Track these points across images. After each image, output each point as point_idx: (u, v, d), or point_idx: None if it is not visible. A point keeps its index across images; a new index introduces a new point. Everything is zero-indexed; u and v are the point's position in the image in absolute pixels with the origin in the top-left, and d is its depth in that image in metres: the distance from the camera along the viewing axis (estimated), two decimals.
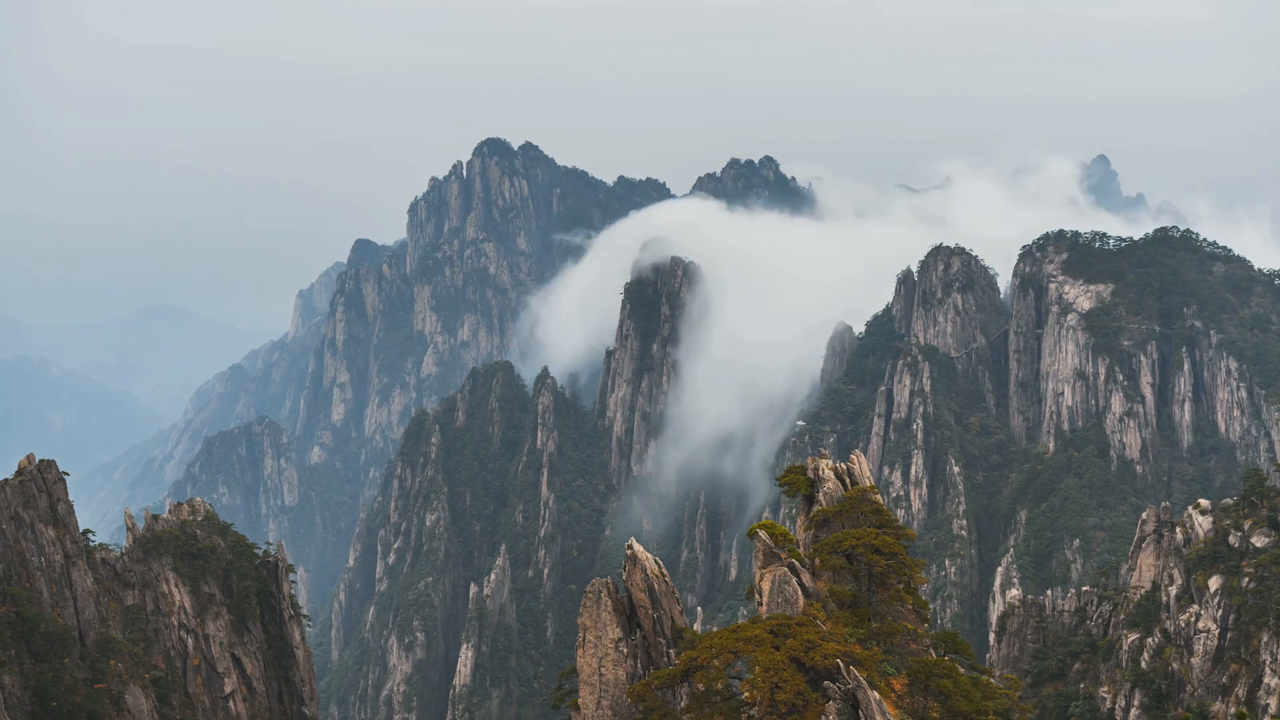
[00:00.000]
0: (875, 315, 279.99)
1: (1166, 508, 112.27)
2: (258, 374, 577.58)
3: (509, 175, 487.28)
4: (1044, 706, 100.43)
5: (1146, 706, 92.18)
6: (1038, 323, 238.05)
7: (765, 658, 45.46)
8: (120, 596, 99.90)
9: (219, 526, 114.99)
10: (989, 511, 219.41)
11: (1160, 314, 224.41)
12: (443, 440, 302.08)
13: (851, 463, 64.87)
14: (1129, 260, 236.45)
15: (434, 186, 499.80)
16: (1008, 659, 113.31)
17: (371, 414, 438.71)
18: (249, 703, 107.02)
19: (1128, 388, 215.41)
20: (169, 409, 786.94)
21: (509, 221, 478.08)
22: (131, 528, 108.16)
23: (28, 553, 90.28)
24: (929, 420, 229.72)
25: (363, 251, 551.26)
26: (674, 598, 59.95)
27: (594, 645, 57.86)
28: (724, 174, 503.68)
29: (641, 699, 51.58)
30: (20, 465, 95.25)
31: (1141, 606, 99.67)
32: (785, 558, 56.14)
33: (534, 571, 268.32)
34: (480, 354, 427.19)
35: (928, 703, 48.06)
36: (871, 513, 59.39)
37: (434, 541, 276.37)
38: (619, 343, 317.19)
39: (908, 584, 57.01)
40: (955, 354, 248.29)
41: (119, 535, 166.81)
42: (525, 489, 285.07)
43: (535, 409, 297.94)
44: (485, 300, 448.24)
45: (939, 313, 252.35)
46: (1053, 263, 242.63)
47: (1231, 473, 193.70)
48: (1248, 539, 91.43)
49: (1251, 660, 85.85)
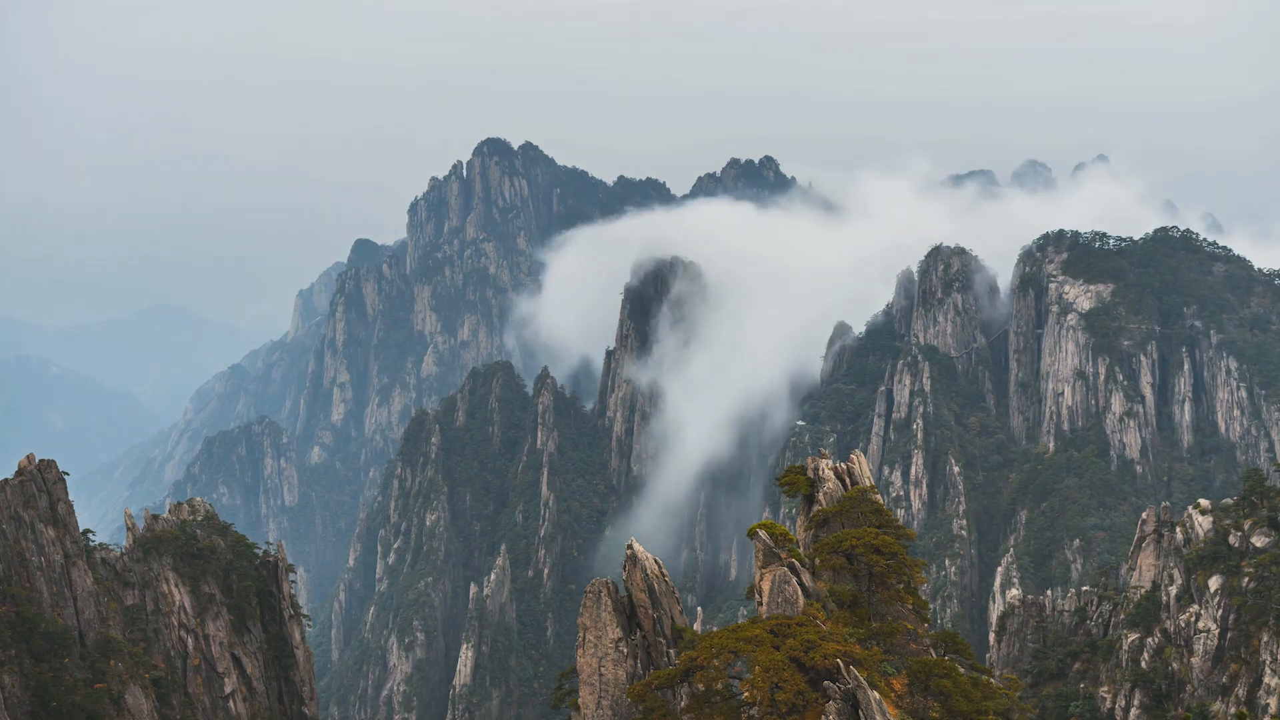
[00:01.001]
0: (875, 315, 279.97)
1: (1166, 508, 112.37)
2: (258, 374, 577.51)
3: (509, 175, 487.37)
4: (1044, 706, 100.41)
5: (1146, 706, 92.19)
6: (1038, 323, 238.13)
7: (765, 658, 45.48)
8: (120, 596, 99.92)
9: (219, 526, 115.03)
10: (989, 511, 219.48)
11: (1160, 314, 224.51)
12: (443, 440, 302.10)
13: (851, 463, 64.90)
14: (1129, 260, 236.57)
15: (434, 186, 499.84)
16: (1008, 659, 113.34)
17: (371, 414, 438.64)
18: (249, 703, 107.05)
19: (1128, 388, 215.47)
20: (169, 409, 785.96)
21: (509, 221, 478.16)
22: (131, 528, 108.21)
23: (28, 553, 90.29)
24: (929, 420, 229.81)
25: (363, 251, 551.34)
26: (674, 598, 59.98)
27: (594, 645, 57.88)
28: (724, 174, 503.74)
29: (641, 699, 51.60)
30: (20, 465, 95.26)
31: (1141, 606, 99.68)
32: (785, 558, 56.15)
33: (534, 571, 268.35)
34: (480, 354, 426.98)
35: (928, 703, 48.09)
36: (871, 513, 59.43)
37: (434, 541, 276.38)
38: (619, 343, 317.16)
39: (908, 584, 57.05)
40: (955, 354, 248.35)
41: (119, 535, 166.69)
42: (525, 489, 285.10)
43: (535, 409, 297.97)
44: (485, 300, 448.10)
45: (939, 313, 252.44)
46: (1053, 263, 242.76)
47: (1231, 473, 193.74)
48: (1248, 539, 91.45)
49: (1251, 660, 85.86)
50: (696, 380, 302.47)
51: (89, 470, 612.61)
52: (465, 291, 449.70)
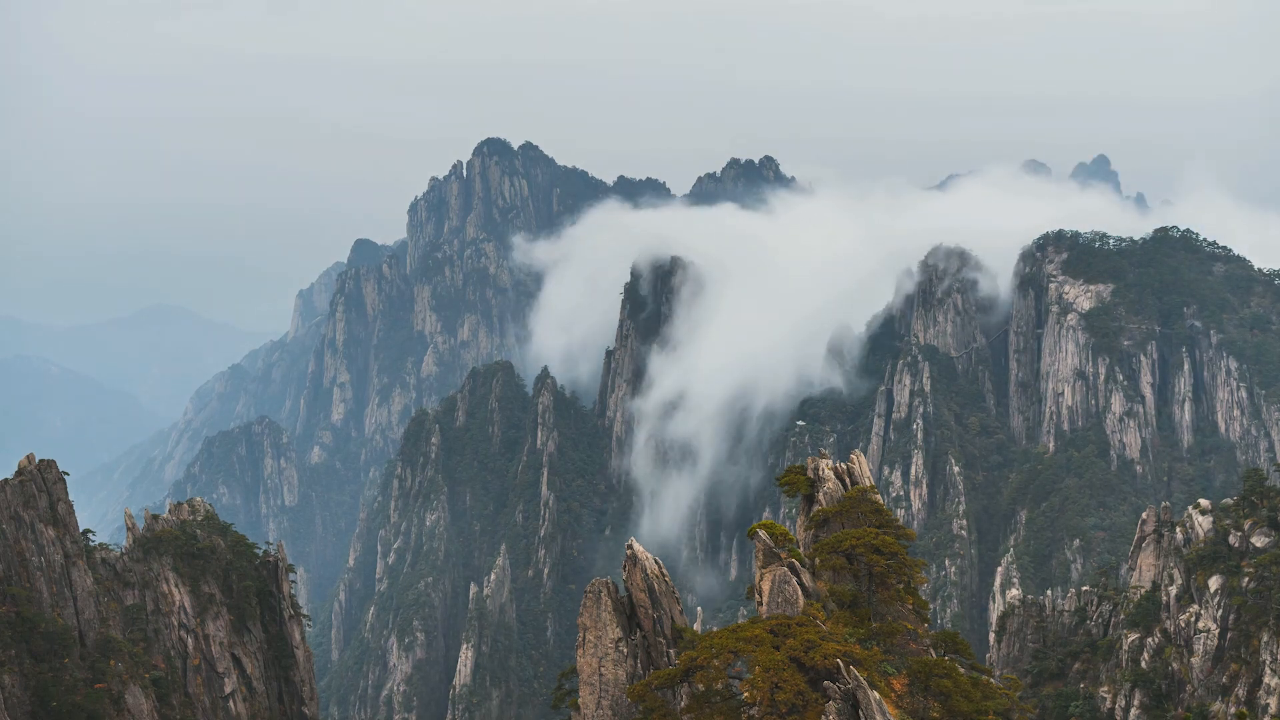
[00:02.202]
0: (875, 315, 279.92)
1: (1166, 508, 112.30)
2: (258, 374, 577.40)
3: (509, 175, 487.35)
4: (1044, 706, 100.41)
5: (1146, 706, 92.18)
6: (1038, 323, 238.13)
7: (765, 658, 45.47)
8: (120, 596, 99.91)
9: (219, 526, 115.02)
10: (989, 511, 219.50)
11: (1160, 314, 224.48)
12: (443, 440, 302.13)
13: (851, 463, 64.88)
14: (1129, 260, 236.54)
15: (434, 186, 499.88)
16: (1008, 659, 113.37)
17: (371, 414, 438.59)
18: (249, 703, 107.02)
19: (1128, 388, 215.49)
20: (169, 409, 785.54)
21: (509, 221, 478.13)
22: (131, 528, 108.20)
23: (28, 553, 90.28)
24: (929, 420, 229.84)
25: (363, 251, 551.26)
26: (674, 598, 59.97)
27: (594, 645, 57.88)
28: (724, 174, 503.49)
29: (641, 699, 51.58)
30: (20, 465, 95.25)
31: (1141, 606, 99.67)
32: (785, 558, 56.13)
33: (534, 571, 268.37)
34: (480, 354, 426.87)
35: (928, 703, 48.08)
36: (871, 513, 59.42)
37: (434, 541, 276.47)
38: (619, 343, 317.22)
39: (908, 584, 57.05)
40: (955, 354, 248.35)
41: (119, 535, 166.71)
42: (525, 489, 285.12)
43: (535, 409, 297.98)
44: (485, 300, 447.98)
45: (939, 312, 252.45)
46: (1053, 262, 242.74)
47: (1231, 473, 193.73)
48: (1248, 539, 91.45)
49: (1251, 660, 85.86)
50: (696, 379, 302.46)
51: (89, 470, 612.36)
52: (465, 291, 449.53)
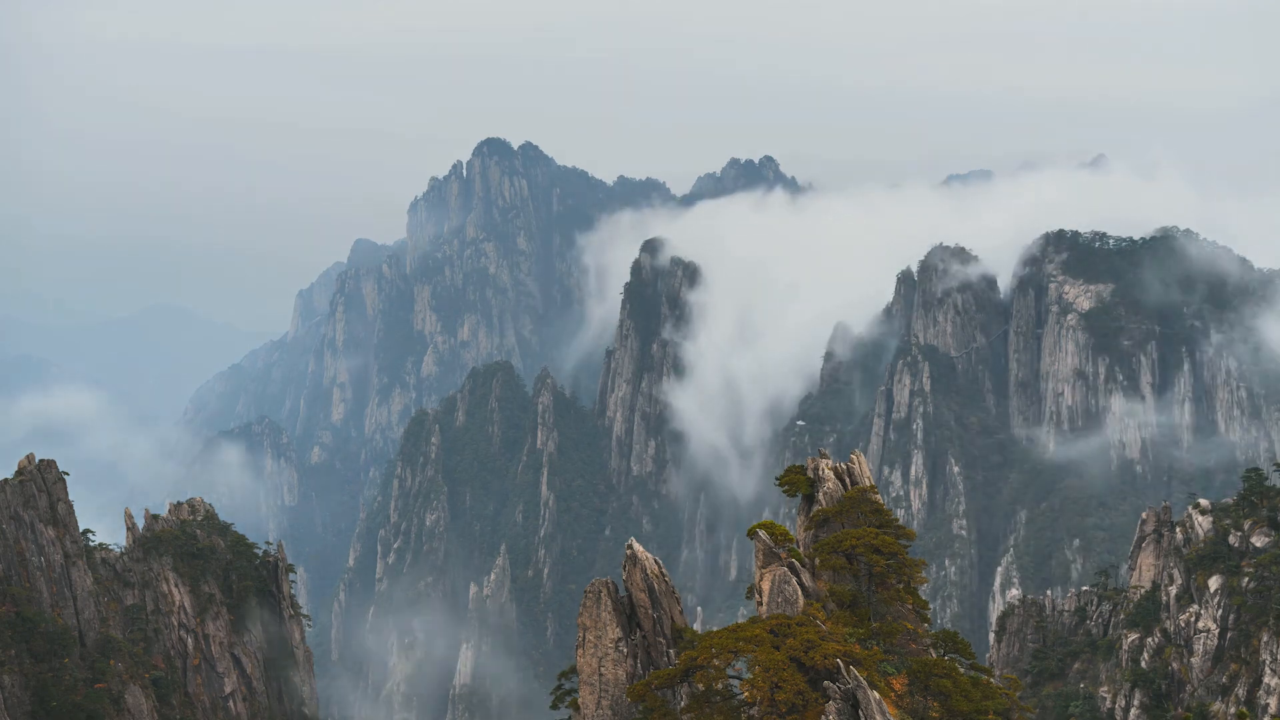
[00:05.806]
0: (875, 315, 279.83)
1: (1166, 508, 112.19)
2: (258, 374, 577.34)
3: (509, 175, 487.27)
4: (1044, 706, 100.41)
5: (1146, 706, 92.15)
6: (1038, 322, 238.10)
7: (765, 657, 45.44)
8: (120, 596, 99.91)
9: (219, 526, 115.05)
10: (989, 511, 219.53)
11: (1160, 314, 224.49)
12: (443, 440, 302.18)
13: (851, 463, 64.81)
14: (1129, 260, 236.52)
15: (434, 186, 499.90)
16: (1008, 659, 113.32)
17: (371, 414, 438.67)
18: (249, 703, 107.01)
19: (1128, 388, 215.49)
20: (169, 409, 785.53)
21: (509, 221, 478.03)
22: (131, 527, 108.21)
23: (28, 553, 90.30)
24: (929, 420, 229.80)
25: (362, 251, 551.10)
26: (674, 597, 59.92)
27: (594, 645, 57.85)
28: (724, 173, 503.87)
29: (641, 699, 51.56)
30: (20, 465, 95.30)
31: (1141, 606, 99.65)
32: (785, 557, 56.10)
33: (534, 571, 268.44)
34: (480, 354, 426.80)
35: (928, 702, 48.06)
36: (871, 513, 59.34)
37: (434, 541, 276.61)
38: (619, 343, 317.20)
39: (908, 584, 56.97)
40: (955, 354, 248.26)
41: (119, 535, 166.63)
42: (525, 489, 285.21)
43: (535, 409, 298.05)
44: (485, 300, 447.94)
45: (939, 312, 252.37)
46: (1053, 262, 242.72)
47: (1231, 473, 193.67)
48: (1248, 539, 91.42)
49: (1251, 660, 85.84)
50: (695, 380, 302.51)
51: None
52: (465, 291, 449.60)
